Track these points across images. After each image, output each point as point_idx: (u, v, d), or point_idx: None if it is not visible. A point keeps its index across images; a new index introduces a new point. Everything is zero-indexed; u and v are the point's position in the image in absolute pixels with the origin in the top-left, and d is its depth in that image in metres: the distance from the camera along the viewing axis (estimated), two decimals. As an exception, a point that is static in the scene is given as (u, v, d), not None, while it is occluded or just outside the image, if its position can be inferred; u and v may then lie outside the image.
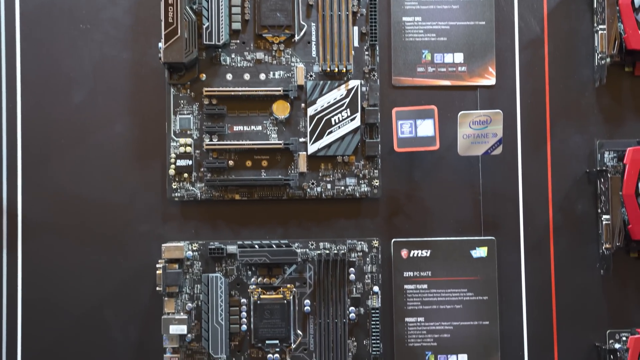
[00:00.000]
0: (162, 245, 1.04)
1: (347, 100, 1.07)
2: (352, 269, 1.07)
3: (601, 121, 1.09)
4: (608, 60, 1.07)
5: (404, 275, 1.08)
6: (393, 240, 1.08)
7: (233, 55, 1.08)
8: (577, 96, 1.09)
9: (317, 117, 1.07)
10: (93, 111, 1.07)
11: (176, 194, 1.07)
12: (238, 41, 1.08)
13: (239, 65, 1.08)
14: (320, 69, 1.08)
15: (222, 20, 1.04)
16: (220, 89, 1.07)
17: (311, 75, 1.08)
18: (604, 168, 1.06)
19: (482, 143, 1.06)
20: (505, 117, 1.07)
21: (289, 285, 1.07)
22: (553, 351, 1.08)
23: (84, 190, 1.07)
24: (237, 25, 1.07)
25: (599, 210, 1.08)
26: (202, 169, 1.07)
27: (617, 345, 1.06)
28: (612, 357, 1.06)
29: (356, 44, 1.08)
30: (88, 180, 1.07)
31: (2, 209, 1.06)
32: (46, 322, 1.06)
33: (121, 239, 1.07)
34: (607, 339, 1.07)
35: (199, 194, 1.07)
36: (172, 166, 1.07)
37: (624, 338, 1.06)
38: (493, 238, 1.08)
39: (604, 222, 1.06)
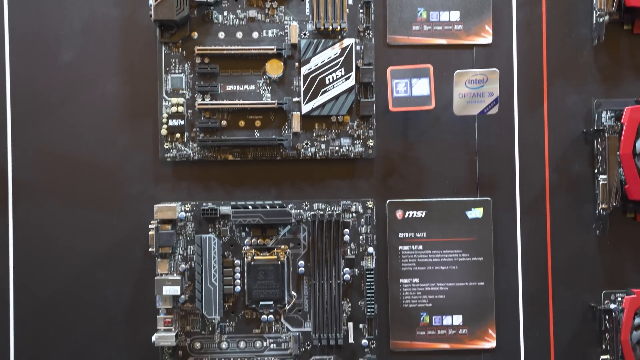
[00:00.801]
0: (155, 205, 1.03)
1: (342, 59, 1.05)
2: (346, 230, 1.06)
3: (599, 80, 1.08)
4: (606, 18, 1.05)
5: (399, 236, 1.07)
6: (388, 201, 1.07)
7: (225, 13, 1.06)
8: (575, 55, 1.08)
9: (311, 77, 1.05)
10: (83, 70, 1.06)
11: (168, 155, 1.06)
12: (230, -2, 1.06)
13: (231, 23, 1.06)
14: (314, 27, 1.06)
15: (214, -24, 1.02)
16: (213, 47, 1.05)
17: (305, 34, 1.06)
18: (601, 127, 1.05)
19: (478, 102, 1.04)
20: (502, 76, 1.05)
21: (283, 247, 1.06)
22: (548, 312, 1.07)
23: (75, 150, 1.05)
24: (229, -18, 1.06)
25: (596, 171, 1.07)
26: (194, 129, 1.06)
27: (612, 306, 1.05)
28: (607, 317, 1.05)
29: (351, 1, 1.06)
30: (78, 140, 1.05)
31: (-8, 169, 1.05)
32: (38, 283, 1.05)
33: (113, 200, 1.06)
34: (602, 300, 1.07)
35: (191, 155, 1.06)
36: (164, 126, 1.05)
37: (620, 298, 1.06)
38: (489, 199, 1.07)
39: (600, 182, 1.05)
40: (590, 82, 1.08)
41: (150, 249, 1.03)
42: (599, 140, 1.06)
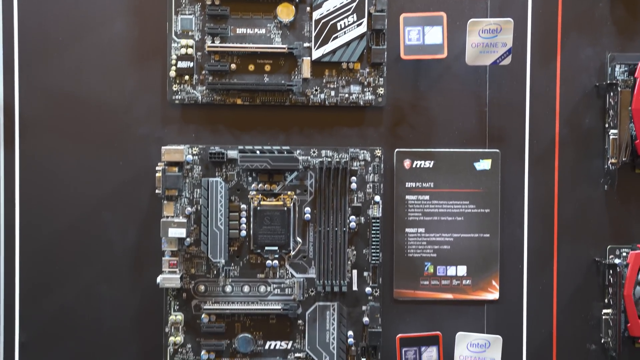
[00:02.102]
0: (162, 148, 1.03)
1: (354, 5, 1.04)
2: (353, 177, 1.06)
3: (614, 33, 1.06)
4: (624, -30, 1.04)
5: (406, 185, 1.07)
6: (396, 150, 1.07)
7: (237, -46, 1.04)
8: (591, 7, 1.06)
9: (322, 22, 1.04)
10: (92, 9, 1.04)
11: (177, 97, 1.05)
12: (243, -61, 1.04)
13: (243, -36, 1.04)
14: (327, -29, 1.04)
15: None
16: (224, -11, 1.04)
17: (317, -22, 1.05)
18: (614, 82, 1.04)
19: (490, 52, 1.03)
20: (516, 26, 1.04)
21: (289, 193, 1.06)
22: (552, 265, 1.07)
23: (82, 89, 1.04)
24: None
25: (607, 125, 1.06)
26: (203, 72, 1.05)
27: (617, 261, 1.05)
28: (611, 272, 1.05)
29: (365, -54, 1.05)
30: (86, 80, 1.04)
31: (-1, 105, 1.04)
32: (44, 222, 1.05)
33: (120, 141, 1.05)
34: (607, 254, 1.07)
35: (199, 97, 1.05)
36: (173, 68, 1.04)
37: (624, 254, 1.06)
38: (497, 150, 1.07)
39: (611, 137, 1.04)
40: (605, 36, 1.06)
41: (156, 191, 1.03)
42: (611, 94, 1.05)
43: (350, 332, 1.06)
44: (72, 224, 1.05)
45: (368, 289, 1.06)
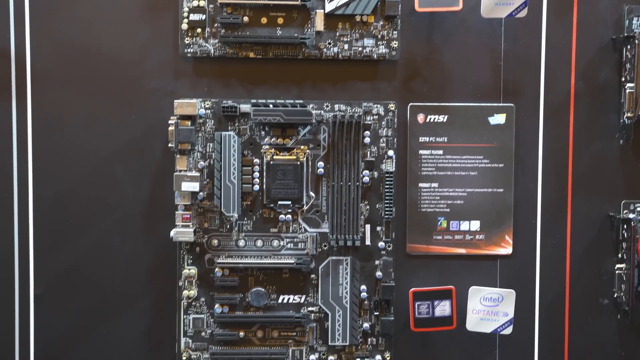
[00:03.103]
0: (175, 101, 1.02)
1: (368, -44, 1.03)
2: (367, 132, 1.05)
3: (631, -15, 1.05)
4: None
5: (420, 140, 1.07)
6: (410, 104, 1.06)
7: None
8: (608, -42, 1.05)
9: (336, -26, 1.03)
10: (103, -40, 1.03)
11: (189, 50, 1.04)
12: None
13: None
14: None
15: None
16: (236, -61, 1.02)
17: None
18: (631, 34, 1.03)
19: (506, 4, 1.02)
20: (532, -22, 1.03)
21: (302, 147, 1.05)
22: (566, 220, 1.07)
23: (94, 42, 1.04)
24: None
25: (623, 79, 1.05)
26: (215, 25, 1.04)
27: (631, 216, 1.05)
28: (625, 226, 1.05)
29: None
30: (98, 32, 1.04)
31: (10, 57, 1.03)
32: (57, 177, 1.05)
33: (132, 94, 1.05)
34: (621, 209, 1.07)
35: (212, 51, 1.04)
36: (185, 20, 1.03)
37: (639, 208, 1.05)
38: (512, 105, 1.06)
39: (627, 91, 1.03)
40: (623, -13, 1.05)
41: (169, 145, 1.02)
42: (628, 47, 1.04)
43: (363, 287, 1.06)
44: (85, 177, 1.05)
45: (381, 244, 1.06)
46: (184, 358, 1.06)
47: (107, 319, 1.06)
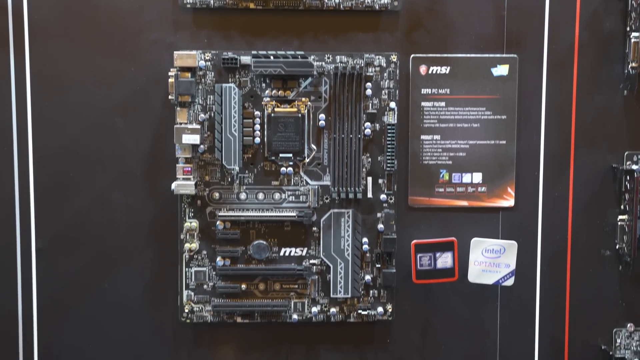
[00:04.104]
0: (175, 52, 1.01)
1: None
2: (368, 84, 1.04)
3: None
4: None
5: (422, 92, 1.06)
6: (412, 55, 1.05)
7: None
8: None
9: None
10: None
11: (188, 1, 1.02)
12: None
13: None
14: None
15: None
16: None
17: None
18: (636, -17, 1.02)
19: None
20: None
21: (303, 99, 1.05)
22: (569, 171, 1.07)
23: (92, -8, 1.03)
24: None
25: (628, 29, 1.04)
26: (215, -25, 1.02)
27: (634, 167, 1.05)
28: (628, 178, 1.05)
29: None
30: (96, -17, 1.02)
31: (8, 9, 1.02)
32: (56, 130, 1.04)
33: (131, 46, 1.03)
34: (624, 160, 1.06)
35: (211, 1, 1.02)
36: (184, -30, 1.02)
37: (642, 160, 1.05)
38: (515, 56, 1.05)
39: (632, 40, 1.02)
40: None
41: (169, 97, 1.01)
42: (634, -4, 1.02)
43: (365, 239, 1.06)
44: (85, 131, 1.04)
45: (383, 196, 1.06)
46: (186, 310, 1.06)
47: (109, 272, 1.06)
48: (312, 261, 1.07)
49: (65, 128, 1.04)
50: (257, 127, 1.04)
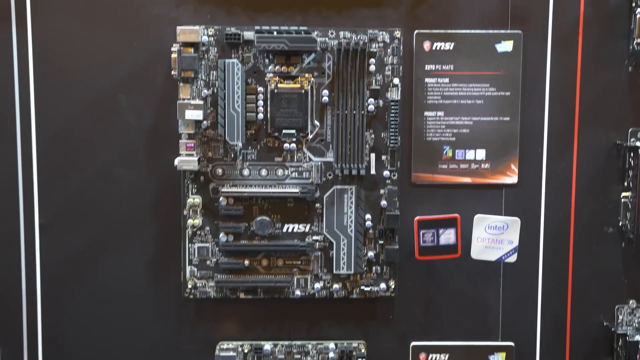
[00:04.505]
0: (177, 27, 1.01)
1: None
2: (372, 60, 1.04)
3: None
4: None
5: (426, 68, 1.05)
6: (416, 31, 1.04)
7: None
8: None
9: None
10: None
11: (191, -25, 1.02)
12: None
13: None
14: None
15: None
16: None
17: None
18: (642, -42, 1.01)
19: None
20: None
21: (307, 75, 1.04)
22: (572, 148, 1.07)
23: (94, -33, 1.02)
24: None
25: (633, 4, 1.03)
26: (218, -51, 1.02)
27: (638, 143, 1.04)
28: (632, 154, 1.04)
29: None
30: (98, -43, 1.02)
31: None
32: (59, 106, 1.04)
33: (133, 21, 1.03)
34: (628, 137, 1.06)
35: (214, -24, 1.02)
36: (187, -55, 1.01)
37: (646, 136, 1.05)
38: (519, 32, 1.04)
39: (637, 16, 1.01)
40: None
41: (172, 73, 1.01)
42: (639, -29, 1.02)
43: (368, 215, 1.06)
44: (88, 107, 1.04)
45: (386, 173, 1.06)
46: (189, 286, 1.07)
47: (112, 248, 1.07)
48: (315, 237, 1.07)
49: (68, 104, 1.04)
50: (260, 103, 1.04)
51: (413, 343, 1.09)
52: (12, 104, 1.03)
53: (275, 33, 1.01)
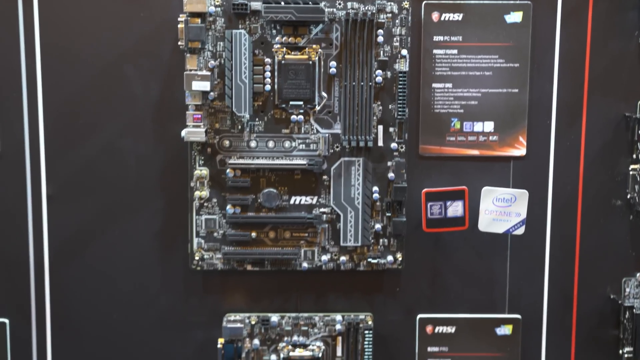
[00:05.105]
0: (184, -2, 1.00)
1: None
2: (380, 30, 1.03)
3: None
4: None
5: (434, 39, 1.04)
6: (424, 2, 1.04)
7: None
8: None
9: None
10: None
11: (198, -55, 1.01)
12: None
13: None
14: None
15: None
16: None
17: None
18: None
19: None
20: None
21: (314, 46, 1.03)
22: (581, 120, 1.06)
23: (100, -64, 1.01)
24: None
25: (645, -24, 1.02)
26: None
27: (647, 115, 1.04)
28: (640, 126, 1.04)
29: None
30: None
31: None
32: (66, 76, 1.03)
33: (140, -9, 1.03)
34: (637, 109, 1.05)
35: (221, -54, 1.01)
36: None
37: (655, 109, 1.04)
38: (529, 2, 1.03)
39: (648, -14, 1.01)
40: None
41: (179, 43, 1.00)
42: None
43: (375, 188, 1.06)
44: (94, 77, 1.04)
45: (394, 145, 1.05)
46: (196, 258, 1.07)
47: (119, 219, 1.06)
48: (322, 209, 1.06)
49: (75, 75, 1.03)
50: (268, 74, 1.04)
51: (420, 315, 1.09)
52: (18, 75, 1.03)
53: (282, 3, 1.00)
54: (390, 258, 1.07)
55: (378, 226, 1.06)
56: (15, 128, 1.04)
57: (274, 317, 1.08)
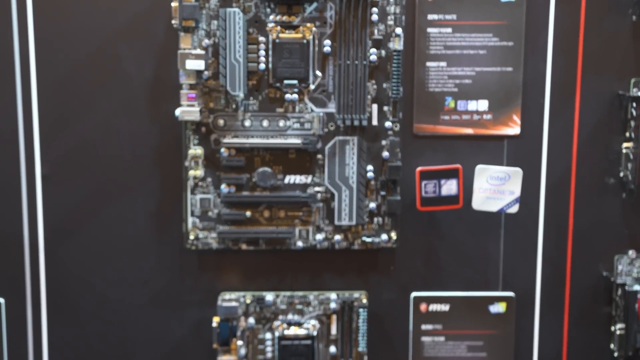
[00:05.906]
0: (177, -24, 1.00)
1: None
2: (374, 9, 1.03)
3: None
4: None
5: (428, 17, 1.04)
6: (418, -20, 1.04)
7: None
8: None
9: None
10: None
11: None
12: None
13: None
14: None
15: None
16: None
17: None
18: None
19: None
20: None
21: (308, 25, 1.03)
22: (575, 99, 1.06)
23: None
24: None
25: (638, -48, 1.02)
26: None
27: (641, 94, 1.04)
28: (634, 105, 1.04)
29: None
30: None
31: None
32: (59, 56, 1.03)
33: (134, -31, 1.02)
34: (631, 87, 1.05)
35: None
36: None
37: (649, 87, 1.05)
38: (523, -19, 1.04)
39: (642, -36, 1.01)
40: None
41: (173, 22, 1.00)
42: None
43: (369, 167, 1.06)
44: (88, 57, 1.03)
45: (388, 124, 1.05)
46: (191, 237, 1.07)
47: (114, 199, 1.06)
48: (316, 188, 1.07)
49: (68, 53, 1.03)
50: (262, 53, 1.03)
51: (414, 294, 1.10)
52: (11, 54, 1.03)
53: (276, -19, 1.00)
54: (384, 237, 1.08)
55: (372, 205, 1.07)
56: (9, 107, 1.04)
57: (269, 296, 1.09)
